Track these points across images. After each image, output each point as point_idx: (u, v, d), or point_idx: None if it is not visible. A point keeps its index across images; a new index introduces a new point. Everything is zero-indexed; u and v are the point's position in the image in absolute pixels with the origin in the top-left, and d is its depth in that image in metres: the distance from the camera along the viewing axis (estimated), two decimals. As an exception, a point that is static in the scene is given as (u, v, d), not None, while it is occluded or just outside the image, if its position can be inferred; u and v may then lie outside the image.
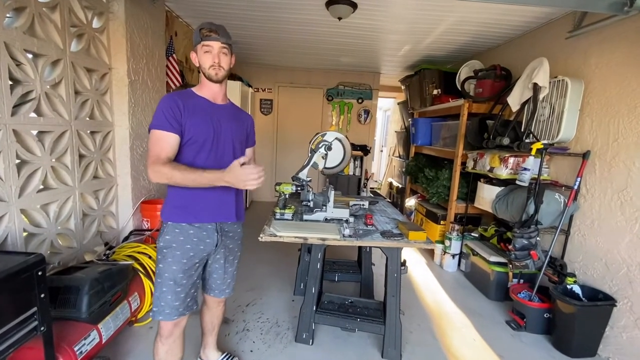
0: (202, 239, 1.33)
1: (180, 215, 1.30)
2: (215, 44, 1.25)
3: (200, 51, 1.27)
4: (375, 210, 2.28)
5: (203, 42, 1.25)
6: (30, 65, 1.58)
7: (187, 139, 1.26)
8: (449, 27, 3.00)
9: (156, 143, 1.21)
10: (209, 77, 1.29)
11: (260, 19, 3.03)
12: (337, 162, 2.15)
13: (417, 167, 4.08)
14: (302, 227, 1.78)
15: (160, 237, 1.31)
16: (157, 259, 1.31)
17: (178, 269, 1.29)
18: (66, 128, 1.84)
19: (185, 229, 1.30)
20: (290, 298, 2.49)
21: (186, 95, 1.31)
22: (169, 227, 1.30)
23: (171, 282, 1.29)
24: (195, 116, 1.26)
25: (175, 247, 1.28)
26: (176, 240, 1.29)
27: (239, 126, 1.42)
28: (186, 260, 1.30)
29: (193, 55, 1.32)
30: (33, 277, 1.22)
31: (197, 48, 1.28)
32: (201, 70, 1.31)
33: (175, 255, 1.28)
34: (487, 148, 2.74)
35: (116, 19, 2.17)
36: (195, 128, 1.26)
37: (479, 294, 2.74)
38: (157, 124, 1.22)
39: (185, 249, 1.30)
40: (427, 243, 1.66)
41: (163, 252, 1.29)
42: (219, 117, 1.33)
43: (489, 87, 3.02)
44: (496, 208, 2.62)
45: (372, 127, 5.50)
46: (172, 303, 1.29)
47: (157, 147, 1.21)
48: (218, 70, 1.28)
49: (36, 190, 1.66)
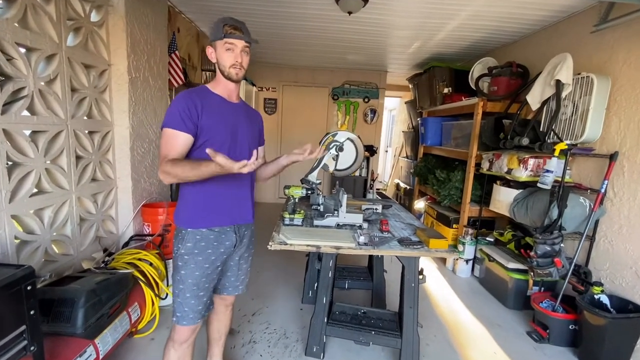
0: (222, 242, 1.30)
1: (200, 220, 1.26)
2: (239, 42, 1.19)
3: (220, 48, 1.20)
4: (389, 214, 2.16)
5: (226, 39, 1.17)
6: (23, 59, 1.47)
7: (204, 141, 1.20)
8: (463, 22, 2.87)
9: (167, 142, 1.16)
10: (229, 77, 1.23)
11: (266, 15, 2.91)
12: (349, 163, 2.02)
13: (426, 168, 3.95)
14: (314, 234, 1.66)
15: (181, 244, 1.26)
16: (177, 266, 1.27)
17: (201, 274, 1.26)
18: (62, 128, 1.73)
19: (205, 235, 1.26)
20: (298, 306, 2.38)
21: (203, 93, 1.24)
22: (189, 234, 1.25)
23: (195, 288, 1.26)
24: (212, 116, 1.21)
25: (197, 253, 1.25)
26: (198, 247, 1.25)
27: (252, 125, 1.38)
28: (208, 265, 1.28)
29: (209, 50, 1.24)
30: (21, 292, 1.10)
31: (217, 44, 1.20)
32: (219, 68, 1.24)
33: (197, 261, 1.25)
34: (504, 149, 2.61)
35: (116, 13, 2.06)
36: (213, 129, 1.20)
37: (495, 301, 2.61)
38: (169, 123, 1.16)
39: (207, 254, 1.27)
40: (450, 252, 1.54)
41: (185, 258, 1.25)
42: (235, 117, 1.28)
43: (504, 85, 2.89)
44: (514, 212, 2.49)
45: (378, 126, 5.37)
46: (196, 307, 1.28)
47: (167, 147, 1.15)
48: (239, 71, 1.23)
49: (29, 194, 1.55)
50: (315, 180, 1.92)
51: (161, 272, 2.09)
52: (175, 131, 1.15)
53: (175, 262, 1.28)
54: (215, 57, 1.23)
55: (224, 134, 1.23)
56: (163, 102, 2.63)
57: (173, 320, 1.30)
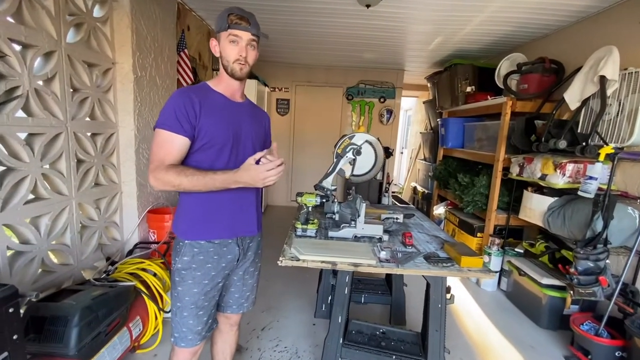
0: (223, 255, 1.18)
1: (199, 232, 1.14)
2: (244, 34, 1.07)
3: (224, 40, 1.08)
4: (411, 224, 1.98)
5: (230, 30, 1.06)
6: (17, 57, 1.36)
7: (203, 143, 1.08)
8: (491, 15, 2.65)
9: (162, 146, 1.04)
10: (232, 73, 1.11)
11: (280, 11, 2.77)
12: (368, 168, 1.86)
13: (446, 171, 3.73)
14: (329, 248, 1.49)
15: (177, 258, 1.15)
16: (175, 281, 1.16)
17: (199, 291, 1.14)
18: (61, 130, 1.62)
19: (204, 247, 1.14)
20: (311, 321, 2.21)
21: (202, 91, 1.12)
22: (186, 246, 1.13)
23: (192, 307, 1.15)
24: (213, 116, 1.09)
25: (195, 267, 1.13)
26: (196, 261, 1.13)
27: (258, 127, 1.26)
28: (208, 281, 1.15)
29: (213, 43, 1.13)
30: (2, 316, 0.98)
31: (221, 35, 1.09)
32: (222, 62, 1.12)
33: (195, 276, 1.13)
34: (537, 152, 2.38)
35: (120, 8, 1.95)
36: (213, 130, 1.08)
37: (526, 319, 2.38)
38: (165, 123, 1.04)
39: (206, 269, 1.15)
40: (485, 272, 1.34)
41: (182, 273, 1.14)
42: (238, 118, 1.17)
43: (535, 82, 2.66)
44: (549, 222, 2.26)
45: (394, 127, 5.16)
46: (195, 328, 1.17)
47: (163, 151, 1.04)
48: (243, 66, 1.11)
49: (23, 201, 1.44)
50: (330, 187, 1.76)
51: (166, 282, 1.97)
52: (171, 134, 1.03)
53: (172, 277, 1.17)
54: (219, 50, 1.12)
55: (225, 135, 1.11)
56: (171, 103, 2.52)
57: (171, 341, 1.19)
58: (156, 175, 1.02)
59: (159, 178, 1.01)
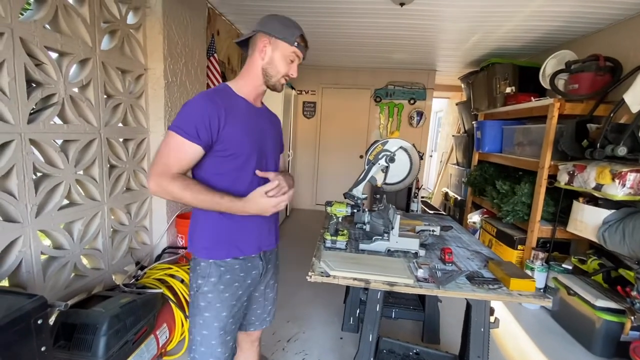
0: (248, 271, 1.11)
1: (224, 250, 1.06)
2: (302, 56, 1.08)
3: (282, 52, 1.03)
4: (448, 237, 1.83)
5: (296, 49, 1.04)
6: (53, 64, 1.38)
7: (229, 154, 1.01)
8: (537, 10, 2.44)
9: (172, 151, 0.95)
10: (274, 85, 1.08)
11: (310, 13, 2.71)
12: (401, 177, 1.74)
13: (482, 177, 3.51)
14: (361, 263, 1.40)
15: (203, 280, 1.05)
16: (199, 307, 1.06)
17: (228, 314, 1.07)
18: (94, 136, 1.64)
19: (230, 265, 1.07)
20: (338, 334, 2.12)
21: (226, 95, 1.03)
22: (212, 266, 1.05)
23: (222, 332, 1.07)
24: (238, 125, 1.01)
25: (222, 289, 1.05)
26: (223, 281, 1.05)
27: (276, 134, 1.21)
28: (235, 302, 1.09)
29: (264, 41, 1.03)
30: (30, 328, 0.97)
31: (280, 45, 1.03)
32: (264, 69, 1.05)
33: (224, 299, 1.06)
34: (590, 159, 2.15)
35: (153, 15, 1.96)
36: (239, 139, 1.01)
37: (575, 344, 2.16)
38: (181, 128, 0.94)
39: (234, 288, 1.08)
40: (539, 297, 1.19)
41: (208, 297, 1.05)
42: (262, 125, 1.11)
43: (588, 82, 2.42)
44: (604, 237, 2.03)
45: (425, 130, 4.96)
46: (223, 356, 1.10)
47: (172, 157, 0.95)
48: (285, 82, 1.10)
49: (57, 207, 1.46)
50: (360, 195, 1.67)
51: (192, 289, 1.95)
52: (185, 141, 0.94)
53: (195, 302, 1.07)
54: (270, 55, 1.03)
55: (250, 146, 1.03)
56: (200, 107, 2.52)
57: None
58: (159, 182, 0.93)
59: (161, 185, 0.93)
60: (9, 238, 1.25)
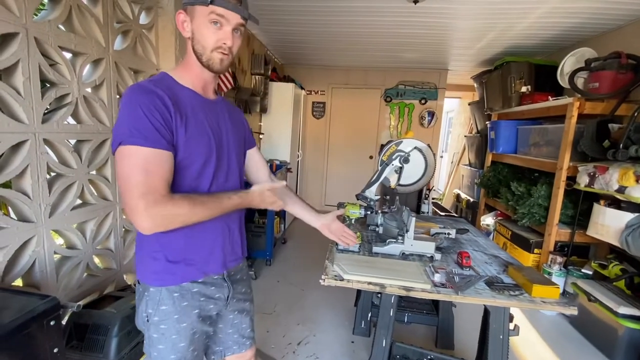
0: (211, 295, 0.92)
1: (179, 273, 0.86)
2: (233, 16, 0.80)
3: (201, 18, 0.79)
4: (464, 240, 1.78)
5: (213, 5, 0.77)
6: (67, 64, 1.38)
7: (180, 159, 0.80)
8: (555, 6, 2.37)
9: (147, 170, 0.72)
10: (208, 64, 0.83)
11: (319, 12, 2.68)
12: (416, 178, 1.70)
13: (496, 178, 3.43)
14: (375, 266, 1.36)
15: (152, 310, 0.86)
16: (152, 338, 0.87)
17: (187, 344, 0.89)
18: (107, 136, 1.64)
19: (187, 289, 0.88)
20: (349, 337, 2.08)
21: (167, 86, 0.82)
22: (163, 293, 0.85)
23: None
24: (188, 121, 0.81)
25: (178, 318, 0.86)
26: (178, 310, 0.86)
27: (238, 130, 0.99)
28: (195, 330, 0.90)
29: (180, 17, 0.83)
30: (43, 329, 0.96)
31: (197, 10, 0.80)
32: (192, 46, 0.84)
33: (180, 329, 0.87)
34: (612, 160, 2.07)
35: (165, 15, 1.96)
36: (192, 141, 0.81)
37: (595, 352, 2.08)
38: (141, 137, 0.72)
39: (193, 316, 0.89)
40: (564, 305, 1.14)
41: (160, 328, 0.86)
42: (217, 121, 0.90)
43: (609, 80, 2.34)
44: (627, 242, 1.95)
45: (436, 130, 4.88)
46: None
47: (152, 177, 0.73)
48: (225, 57, 0.84)
49: (70, 207, 1.46)
50: (373, 197, 1.63)
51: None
52: (155, 151, 0.73)
53: (146, 332, 0.89)
54: (190, 29, 0.82)
55: (207, 147, 0.84)
56: (211, 107, 2.52)
57: None
58: (157, 212, 0.72)
59: (163, 215, 0.73)
60: (23, 238, 1.26)
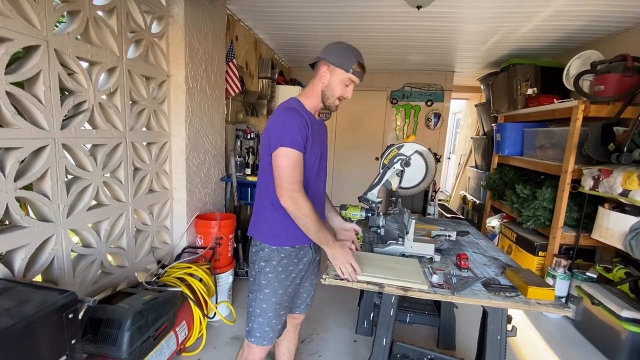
0: (301, 258, 1.30)
1: (284, 238, 1.26)
2: (358, 81, 1.22)
3: (339, 77, 1.20)
4: (464, 242, 1.81)
5: (352, 75, 1.19)
6: (84, 74, 1.47)
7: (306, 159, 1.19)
8: (559, 9, 2.38)
9: (296, 166, 1.14)
10: (329, 106, 1.26)
11: (324, 17, 2.74)
12: (417, 181, 1.73)
13: (502, 181, 3.43)
14: (375, 266, 1.40)
15: (264, 262, 1.25)
16: (261, 284, 1.25)
17: (284, 292, 1.27)
18: (120, 140, 1.72)
19: (287, 252, 1.26)
20: (352, 337, 2.13)
21: (304, 110, 1.23)
22: (273, 251, 1.25)
23: (277, 307, 1.27)
24: (313, 134, 1.20)
25: (281, 270, 1.25)
26: (281, 264, 1.25)
27: (325, 141, 1.37)
28: (289, 282, 1.28)
29: (324, 69, 1.20)
30: (62, 321, 1.03)
31: (338, 72, 1.19)
32: (323, 91, 1.23)
33: (281, 279, 1.26)
34: (617, 163, 2.07)
35: (176, 23, 2.04)
36: (312, 148, 1.20)
37: (599, 355, 2.08)
38: (294, 143, 1.12)
39: (289, 271, 1.27)
40: (558, 307, 1.16)
41: (269, 277, 1.25)
42: (322, 136, 1.32)
43: (614, 83, 2.33)
44: (631, 245, 1.95)
45: (442, 132, 4.89)
46: (276, 327, 1.29)
47: (298, 172, 1.14)
48: (340, 102, 1.26)
49: (86, 208, 1.55)
50: (375, 199, 1.67)
51: (210, 288, 2.01)
52: (300, 154, 1.13)
53: (257, 280, 1.25)
54: (328, 80, 1.21)
55: (317, 153, 1.24)
56: (219, 112, 2.60)
57: (251, 341, 1.28)
58: (297, 199, 1.11)
59: (298, 202, 1.11)
60: (44, 236, 1.34)
